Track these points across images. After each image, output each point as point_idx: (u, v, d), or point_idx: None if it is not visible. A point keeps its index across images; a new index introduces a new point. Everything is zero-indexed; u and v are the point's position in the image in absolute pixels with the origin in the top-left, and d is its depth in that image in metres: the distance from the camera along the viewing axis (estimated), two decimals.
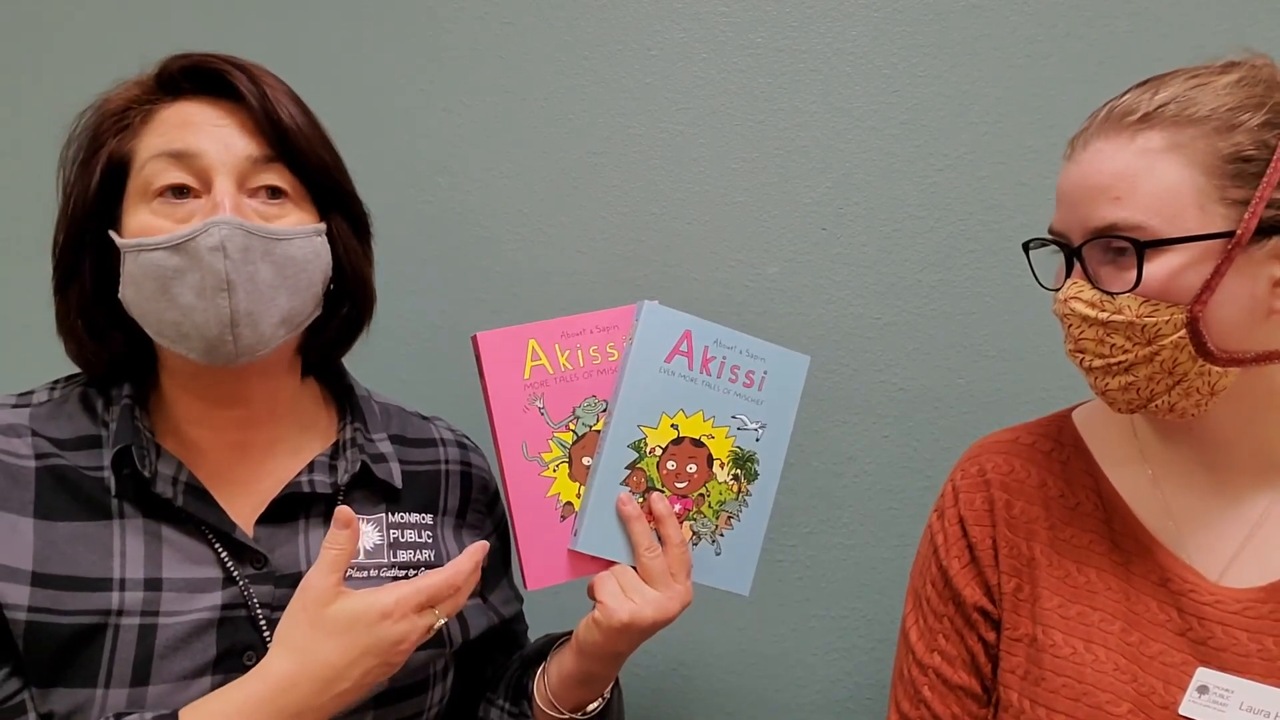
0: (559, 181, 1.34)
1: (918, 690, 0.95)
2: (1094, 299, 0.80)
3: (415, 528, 0.94)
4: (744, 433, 0.98)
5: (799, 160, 1.31)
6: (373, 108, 1.34)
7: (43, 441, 0.83)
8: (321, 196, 0.88)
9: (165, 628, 0.80)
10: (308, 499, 0.89)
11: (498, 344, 0.92)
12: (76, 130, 0.86)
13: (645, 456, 0.95)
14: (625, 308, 0.96)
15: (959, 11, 1.27)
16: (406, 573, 0.91)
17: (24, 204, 1.36)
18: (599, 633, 0.89)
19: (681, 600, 0.91)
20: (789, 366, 1.00)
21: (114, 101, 0.86)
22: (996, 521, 0.94)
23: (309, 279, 0.85)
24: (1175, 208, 0.76)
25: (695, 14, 1.31)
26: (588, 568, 0.94)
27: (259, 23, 1.36)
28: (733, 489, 0.99)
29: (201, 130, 0.83)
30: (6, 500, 0.80)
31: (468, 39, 1.34)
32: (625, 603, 0.88)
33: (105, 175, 0.83)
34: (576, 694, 0.95)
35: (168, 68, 0.85)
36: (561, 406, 0.94)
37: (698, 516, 0.97)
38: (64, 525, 0.80)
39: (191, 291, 0.79)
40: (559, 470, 0.94)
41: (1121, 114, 0.80)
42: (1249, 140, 0.76)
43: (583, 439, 0.94)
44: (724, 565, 0.99)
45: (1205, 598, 0.84)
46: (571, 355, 0.94)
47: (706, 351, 0.96)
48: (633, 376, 0.94)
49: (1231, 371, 0.79)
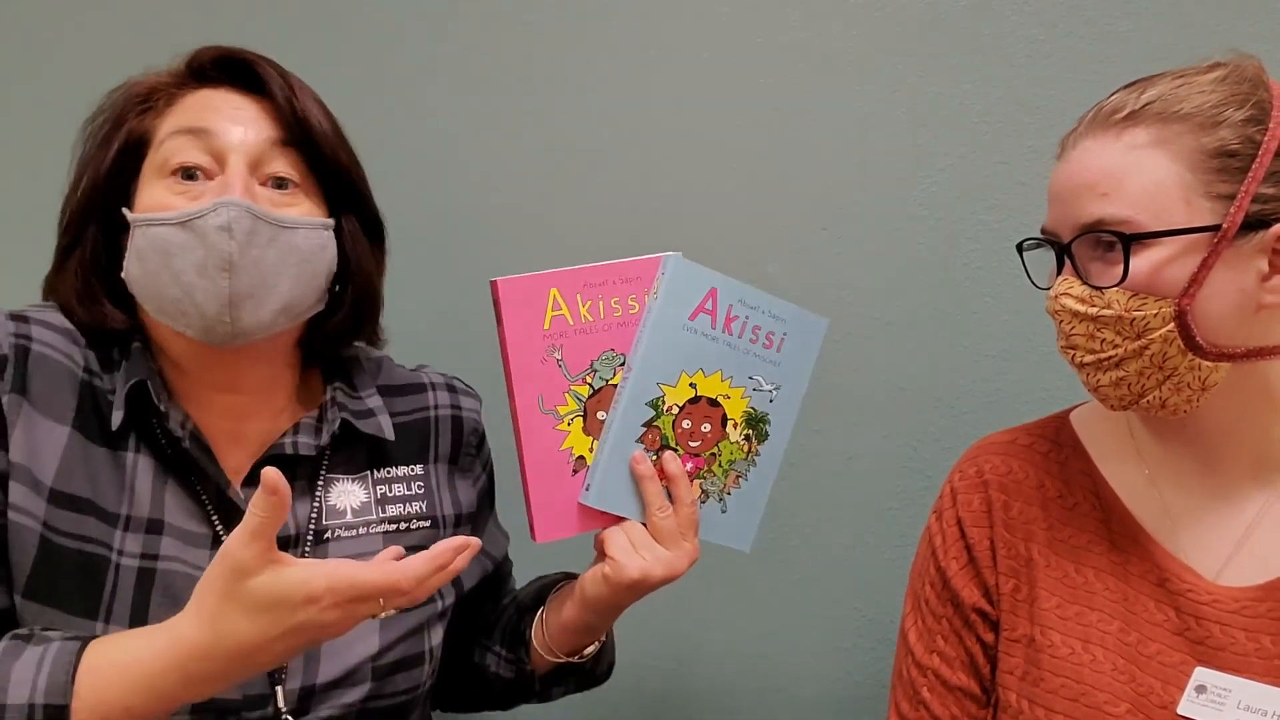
0: (558, 181, 1.34)
1: (917, 691, 0.95)
2: (1083, 294, 0.81)
3: (404, 480, 0.95)
4: (759, 394, 0.98)
5: (799, 160, 1.31)
6: (372, 108, 1.35)
7: (91, 355, 0.85)
8: (335, 194, 0.89)
9: (162, 574, 0.81)
10: (292, 460, 0.89)
11: (519, 291, 0.89)
12: (102, 106, 0.88)
13: (662, 415, 0.94)
14: (649, 258, 0.93)
15: (959, 11, 1.27)
16: (398, 526, 0.92)
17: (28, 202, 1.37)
18: (607, 587, 0.90)
19: (689, 558, 0.92)
20: (808, 329, 0.99)
21: (142, 84, 0.88)
22: (994, 522, 0.94)
23: (313, 270, 0.86)
24: (1161, 202, 0.77)
25: (695, 14, 1.32)
26: (596, 522, 0.94)
27: (259, 23, 1.38)
28: (743, 449, 0.98)
29: (221, 112, 0.85)
30: (51, 405, 0.81)
31: (468, 39, 1.35)
32: (636, 559, 0.89)
33: (123, 150, 0.85)
34: (575, 640, 0.98)
35: (198, 57, 0.88)
36: (580, 359, 0.92)
37: (708, 475, 0.97)
38: (91, 447, 0.82)
39: (194, 269, 0.80)
40: (574, 424, 0.92)
41: (1109, 113, 0.81)
42: (1233, 135, 0.77)
43: (599, 393, 0.93)
44: (728, 523, 0.99)
45: (1203, 597, 0.84)
46: (593, 306, 0.91)
47: (730, 310, 0.94)
48: (655, 333, 0.92)
49: (1222, 367, 0.79)
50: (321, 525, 0.89)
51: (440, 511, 0.96)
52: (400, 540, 0.91)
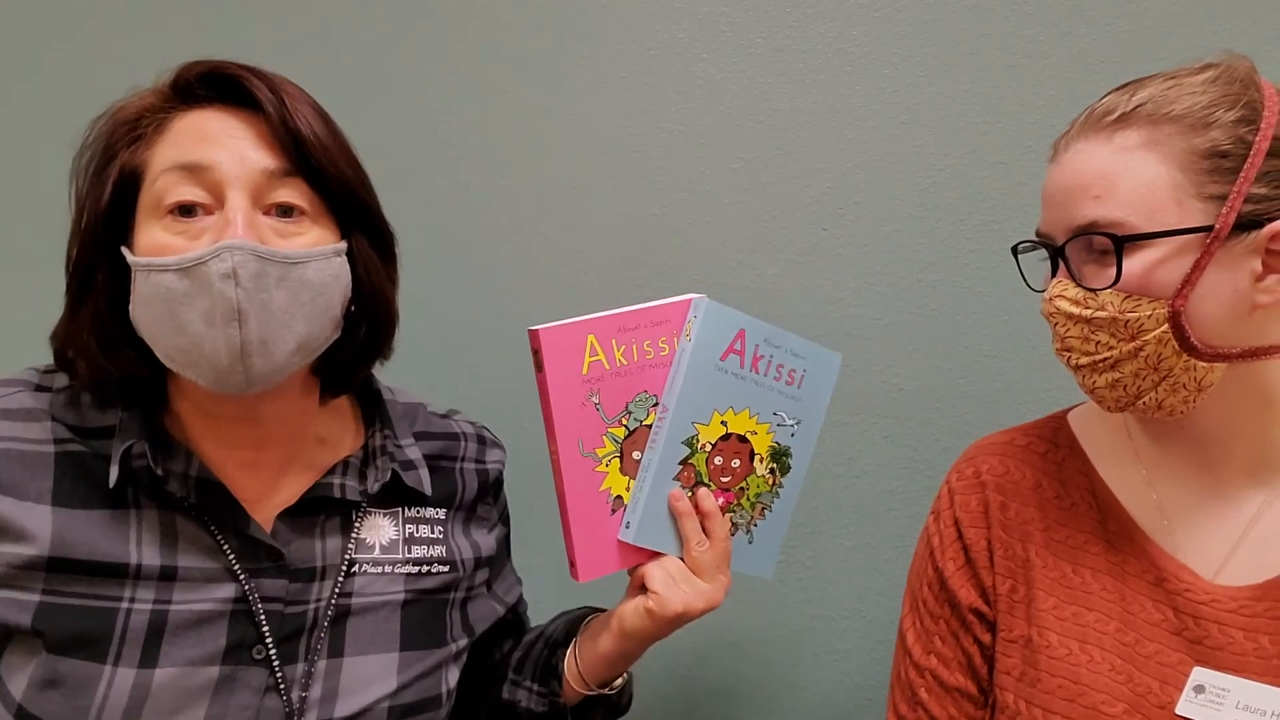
0: (558, 182, 1.34)
1: (915, 692, 0.95)
2: (1078, 296, 0.81)
3: (430, 523, 0.95)
4: (782, 429, 1.01)
5: (799, 160, 1.31)
6: (372, 108, 1.35)
7: (61, 427, 0.82)
8: (342, 213, 0.84)
9: (176, 614, 0.80)
10: (332, 502, 0.89)
11: (558, 339, 0.91)
12: (89, 138, 0.83)
13: (697, 452, 0.97)
14: (677, 301, 0.96)
15: (959, 11, 1.27)
16: (420, 569, 0.92)
17: (27, 213, 1.37)
18: (650, 620, 0.93)
19: (725, 589, 0.96)
20: (824, 365, 1.02)
21: (127, 110, 0.82)
22: (991, 523, 0.94)
23: (326, 302, 0.81)
24: (1153, 203, 0.77)
25: (695, 14, 1.32)
26: (635, 559, 0.97)
27: (258, 23, 1.38)
28: (768, 482, 1.02)
29: (216, 142, 0.79)
30: (24, 490, 0.79)
31: (468, 39, 1.35)
32: (679, 593, 0.93)
33: (118, 188, 0.80)
34: (608, 671, 1.00)
35: (183, 75, 0.82)
36: (616, 402, 0.94)
37: (737, 509, 1.00)
38: (82, 512, 0.80)
39: (201, 319, 0.76)
40: (611, 465, 0.95)
41: (1100, 115, 0.81)
42: (1224, 136, 0.76)
43: (634, 433, 0.96)
44: (754, 552, 1.03)
45: (1201, 597, 0.83)
46: (627, 350, 0.94)
47: (757, 350, 0.98)
48: (690, 374, 0.95)
49: (1218, 367, 0.79)
50: (353, 558, 0.89)
51: (459, 556, 0.96)
52: (420, 583, 0.92)
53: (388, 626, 0.89)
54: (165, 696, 0.78)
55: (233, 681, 0.81)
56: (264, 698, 0.82)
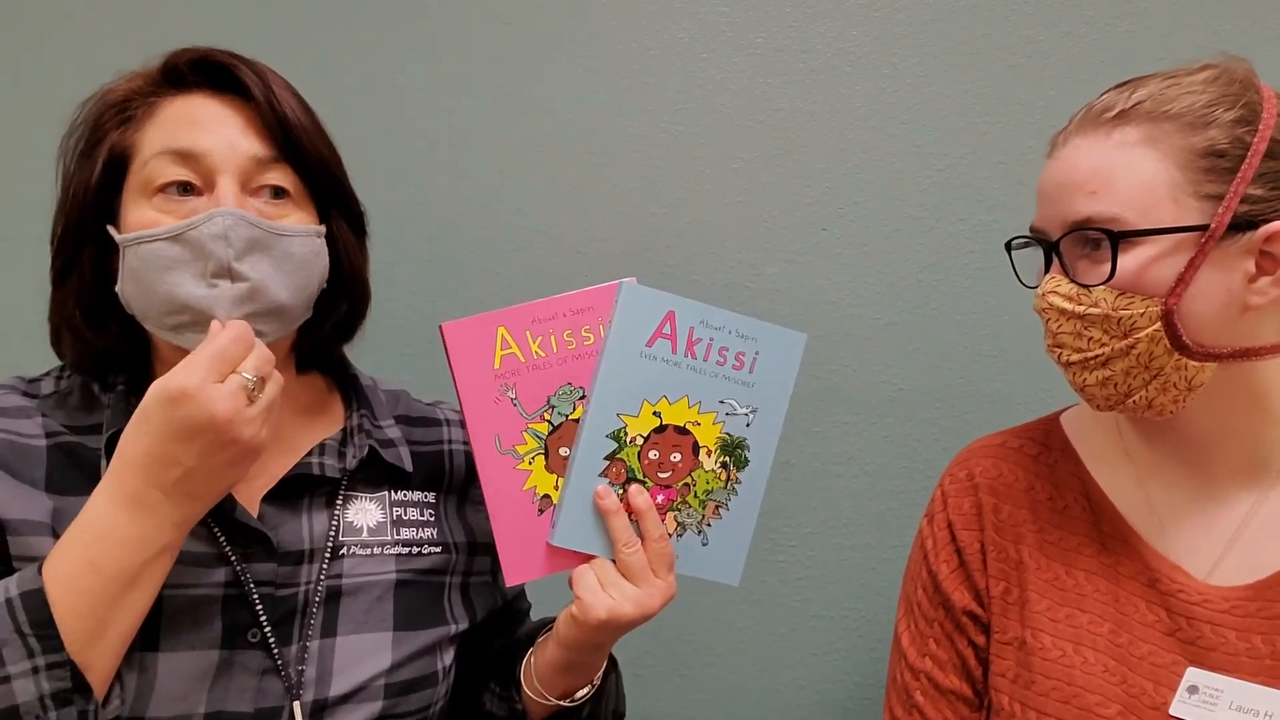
0: (558, 181, 1.34)
1: (910, 695, 0.95)
2: (1071, 292, 0.81)
3: (418, 505, 0.95)
4: (733, 418, 0.93)
5: (799, 160, 1.31)
6: (372, 108, 1.35)
7: (51, 423, 0.85)
8: (322, 196, 0.88)
9: (170, 599, 0.80)
10: (313, 481, 0.89)
11: (464, 334, 0.88)
12: (78, 120, 0.86)
13: (625, 446, 0.91)
14: (603, 287, 0.90)
15: (959, 11, 1.27)
16: (410, 550, 0.92)
17: (19, 200, 1.37)
18: (577, 627, 0.88)
19: (663, 595, 0.88)
20: (783, 345, 0.94)
21: (116, 92, 0.85)
22: (984, 525, 0.94)
23: (306, 278, 0.85)
24: (1149, 201, 0.77)
25: (695, 14, 1.32)
26: (567, 562, 0.91)
27: (257, 21, 1.38)
28: (721, 477, 0.94)
29: (206, 128, 0.82)
30: (20, 473, 0.81)
31: (468, 39, 1.35)
32: (604, 598, 0.86)
33: (106, 168, 0.83)
34: (563, 681, 0.94)
35: (173, 60, 0.85)
36: (535, 396, 0.90)
37: (683, 507, 0.93)
38: (75, 499, 0.80)
39: (192, 280, 0.79)
40: (535, 462, 0.90)
41: (1099, 112, 0.81)
42: (1223, 135, 0.77)
43: (559, 429, 0.91)
44: (711, 556, 0.94)
45: (1193, 597, 0.83)
46: (544, 341, 0.89)
47: (692, 333, 0.91)
48: (610, 363, 0.89)
49: (1208, 367, 0.79)
50: (339, 541, 0.89)
51: (452, 539, 0.96)
52: (412, 563, 0.92)
53: (381, 606, 0.89)
54: (171, 683, 0.79)
55: (231, 665, 0.81)
56: (262, 679, 0.82)
